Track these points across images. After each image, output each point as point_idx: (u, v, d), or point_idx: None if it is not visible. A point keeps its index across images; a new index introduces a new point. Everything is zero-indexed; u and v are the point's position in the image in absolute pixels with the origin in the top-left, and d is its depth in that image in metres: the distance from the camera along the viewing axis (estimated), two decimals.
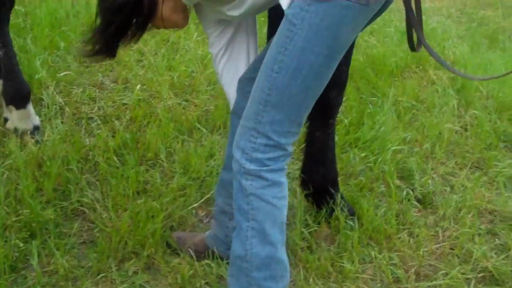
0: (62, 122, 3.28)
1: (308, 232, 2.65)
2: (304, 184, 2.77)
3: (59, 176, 2.84)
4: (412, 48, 2.09)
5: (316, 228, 2.69)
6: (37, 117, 3.21)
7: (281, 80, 1.82)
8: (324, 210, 2.73)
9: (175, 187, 2.84)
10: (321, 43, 1.78)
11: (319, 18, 1.76)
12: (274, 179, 1.93)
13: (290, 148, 1.94)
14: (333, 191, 2.71)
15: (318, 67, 1.81)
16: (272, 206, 1.93)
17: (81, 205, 2.73)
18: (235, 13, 2.03)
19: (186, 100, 3.68)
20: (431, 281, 2.50)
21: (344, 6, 1.74)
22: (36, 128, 3.16)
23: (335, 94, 2.55)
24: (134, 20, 2.09)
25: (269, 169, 1.91)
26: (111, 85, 3.78)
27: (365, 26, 1.96)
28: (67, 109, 3.41)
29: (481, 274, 2.56)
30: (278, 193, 1.95)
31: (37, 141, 3.08)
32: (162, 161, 3.05)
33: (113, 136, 3.19)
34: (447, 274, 2.53)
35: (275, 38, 1.87)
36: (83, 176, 2.88)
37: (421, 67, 4.44)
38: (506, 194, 3.09)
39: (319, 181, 2.72)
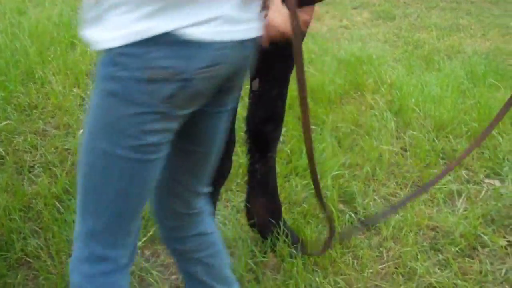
0: (3, 172, 3.26)
1: (255, 263, 2.69)
2: (249, 215, 2.81)
3: (1, 226, 2.81)
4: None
5: (262, 258, 2.72)
6: None
7: (94, 185, 1.57)
8: (269, 239, 2.77)
9: None
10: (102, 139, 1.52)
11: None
12: None
13: (124, 260, 1.65)
14: (277, 220, 2.76)
15: (123, 169, 1.53)
16: None
17: (25, 254, 2.70)
18: None
19: None
20: None
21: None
22: None
23: (271, 129, 2.60)
24: None
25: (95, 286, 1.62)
26: (53, 132, 3.77)
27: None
28: (7, 158, 3.39)
29: None
30: None
31: None
32: None
33: (55, 183, 3.18)
34: None
35: None
36: (26, 225, 2.86)
37: (359, 92, 4.55)
38: (446, 210, 3.17)
39: (262, 212, 2.76)
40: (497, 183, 3.48)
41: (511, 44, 6.46)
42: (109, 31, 1.43)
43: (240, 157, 3.34)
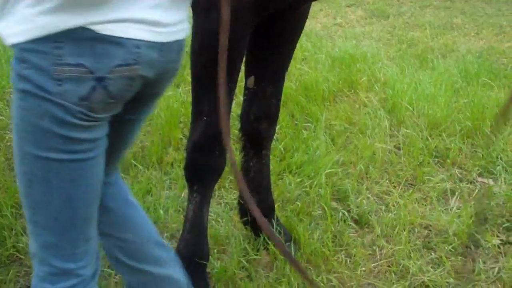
0: None
1: (248, 261, 2.68)
2: (241, 213, 2.80)
3: None
4: None
5: (254, 256, 2.71)
6: None
7: (37, 195, 1.48)
8: (262, 237, 2.76)
9: None
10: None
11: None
12: None
13: (88, 271, 1.57)
14: (270, 218, 2.75)
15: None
16: None
17: (17, 251, 2.69)
18: None
19: None
20: None
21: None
22: None
23: (265, 127, 2.60)
24: None
25: None
26: None
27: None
28: None
29: None
30: None
31: None
32: None
33: None
34: None
35: None
36: (17, 221, 2.84)
37: (352, 90, 4.55)
38: (439, 209, 3.17)
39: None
40: (490, 182, 3.48)
41: (504, 43, 6.47)
42: (14, 26, 1.34)
43: (234, 154, 3.32)
